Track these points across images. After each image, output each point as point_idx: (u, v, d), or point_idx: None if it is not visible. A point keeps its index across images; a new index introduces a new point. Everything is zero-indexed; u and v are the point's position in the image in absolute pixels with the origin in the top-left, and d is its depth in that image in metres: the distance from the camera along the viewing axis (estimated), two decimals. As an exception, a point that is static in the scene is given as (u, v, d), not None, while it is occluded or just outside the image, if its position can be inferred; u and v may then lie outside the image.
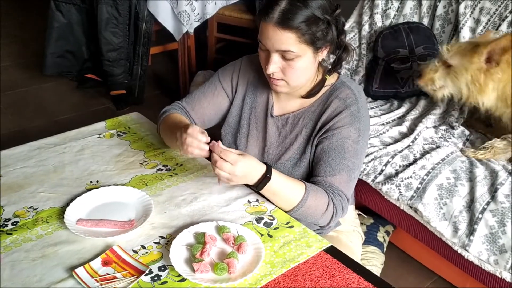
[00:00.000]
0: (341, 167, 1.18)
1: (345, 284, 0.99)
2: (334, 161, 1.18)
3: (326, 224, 1.20)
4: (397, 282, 1.76)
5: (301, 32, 1.09)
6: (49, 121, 2.75)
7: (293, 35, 1.09)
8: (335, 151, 1.18)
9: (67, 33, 2.89)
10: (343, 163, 1.18)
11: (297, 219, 1.17)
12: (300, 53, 1.12)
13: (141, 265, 0.99)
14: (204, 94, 1.36)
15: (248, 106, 1.33)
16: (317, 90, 1.24)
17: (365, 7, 2.32)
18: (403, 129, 1.90)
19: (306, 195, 1.13)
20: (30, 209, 1.15)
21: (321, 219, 1.17)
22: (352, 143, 1.19)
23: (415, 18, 2.23)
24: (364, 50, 2.25)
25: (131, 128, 1.52)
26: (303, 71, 1.16)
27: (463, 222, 1.54)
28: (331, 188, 1.17)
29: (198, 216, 1.15)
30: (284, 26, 1.09)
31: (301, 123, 1.26)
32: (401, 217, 1.71)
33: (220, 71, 1.37)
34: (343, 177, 1.18)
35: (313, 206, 1.15)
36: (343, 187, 1.18)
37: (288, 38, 1.10)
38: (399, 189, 1.66)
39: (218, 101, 1.35)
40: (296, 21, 1.08)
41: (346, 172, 1.18)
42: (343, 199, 1.18)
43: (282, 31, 1.09)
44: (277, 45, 1.12)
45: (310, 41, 1.11)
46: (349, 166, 1.18)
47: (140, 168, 1.32)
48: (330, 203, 1.16)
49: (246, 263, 1.00)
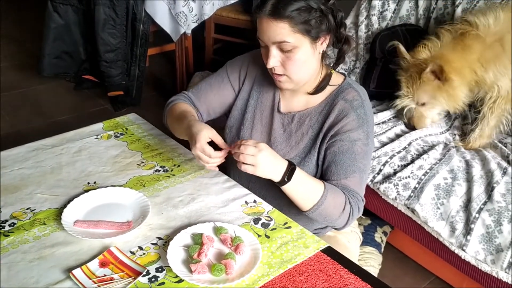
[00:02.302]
0: (353, 169, 1.18)
1: (342, 284, 0.99)
2: (346, 163, 1.18)
3: (343, 225, 1.19)
4: (394, 283, 1.76)
5: (294, 22, 1.10)
6: (46, 122, 2.75)
7: (286, 24, 1.10)
8: (346, 153, 1.19)
9: (64, 34, 2.89)
10: (355, 165, 1.19)
11: (316, 220, 1.17)
12: (296, 43, 1.13)
13: (138, 266, 0.99)
14: (210, 86, 1.36)
15: (253, 100, 1.33)
16: (323, 86, 1.24)
17: (361, 7, 2.33)
18: (398, 131, 1.91)
19: (325, 192, 1.13)
20: (27, 211, 1.15)
21: (339, 219, 1.17)
22: (361, 145, 1.20)
23: (411, 20, 2.24)
24: (361, 51, 2.26)
25: (129, 129, 1.52)
26: (303, 63, 1.16)
27: (460, 222, 1.54)
28: (346, 190, 1.18)
29: (195, 217, 1.15)
30: (276, 16, 1.10)
31: (308, 123, 1.26)
32: (399, 218, 1.71)
33: (229, 64, 1.38)
34: (356, 179, 1.19)
35: (332, 205, 1.14)
36: (358, 188, 1.19)
37: (282, 29, 1.11)
38: (396, 189, 1.67)
39: (223, 93, 1.36)
40: (288, 10, 1.09)
41: (358, 174, 1.19)
42: (359, 200, 1.19)
43: (276, 22, 1.10)
44: (272, 37, 1.12)
45: (304, 30, 1.12)
46: (360, 168, 1.19)
47: (137, 169, 1.32)
48: (347, 203, 1.16)
49: (244, 264, 1.00)
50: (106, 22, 2.70)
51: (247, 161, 1.06)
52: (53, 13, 2.81)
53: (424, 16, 2.23)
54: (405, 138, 1.83)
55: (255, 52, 1.34)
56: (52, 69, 2.98)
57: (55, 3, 2.79)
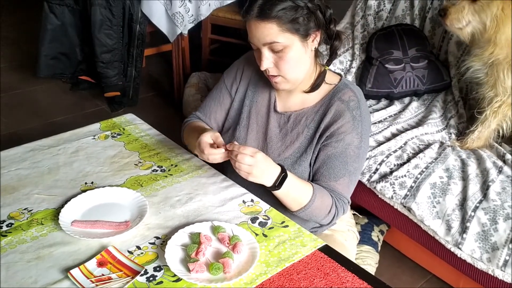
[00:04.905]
0: (343, 172, 1.21)
1: (339, 282, 0.99)
2: (338, 167, 1.21)
3: (326, 224, 1.25)
4: (391, 281, 1.76)
5: (281, 21, 1.11)
6: (43, 123, 2.74)
7: (273, 25, 1.11)
8: (339, 157, 1.21)
9: (61, 35, 2.88)
10: (346, 168, 1.21)
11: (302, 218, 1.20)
12: (286, 43, 1.13)
13: (136, 265, 0.99)
14: (213, 100, 1.40)
15: (249, 100, 1.34)
16: (319, 83, 1.25)
17: (357, 7, 2.34)
18: (394, 131, 1.91)
19: (313, 196, 1.17)
20: (24, 211, 1.15)
21: (324, 219, 1.23)
22: (354, 148, 1.21)
23: (407, 20, 2.25)
24: (357, 51, 2.27)
25: (126, 129, 1.52)
26: (296, 62, 1.17)
27: (456, 220, 1.55)
28: (334, 193, 1.22)
29: (193, 217, 1.15)
30: (263, 18, 1.11)
31: (303, 123, 1.27)
32: (395, 216, 1.72)
33: (225, 73, 1.40)
34: (345, 182, 1.22)
35: (319, 207, 1.19)
36: (345, 191, 1.23)
37: (270, 29, 1.12)
38: (393, 188, 1.67)
39: (225, 103, 1.38)
40: (274, 10, 1.10)
41: (347, 177, 1.22)
42: (345, 203, 1.24)
43: (263, 24, 1.12)
44: (262, 38, 1.14)
45: (292, 28, 1.12)
46: (350, 171, 1.22)
47: (135, 169, 1.32)
48: (333, 206, 1.21)
49: (241, 263, 1.01)
50: (102, 23, 2.70)
51: (242, 168, 1.10)
52: (49, 14, 2.80)
53: (419, 16, 2.24)
54: (401, 137, 1.84)
55: (250, 53, 1.35)
56: (49, 70, 2.97)
57: (51, 4, 2.78)
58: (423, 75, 2.10)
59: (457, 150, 1.80)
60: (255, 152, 1.10)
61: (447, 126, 1.97)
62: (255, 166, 1.09)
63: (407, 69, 2.09)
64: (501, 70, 1.73)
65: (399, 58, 2.11)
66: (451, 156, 1.74)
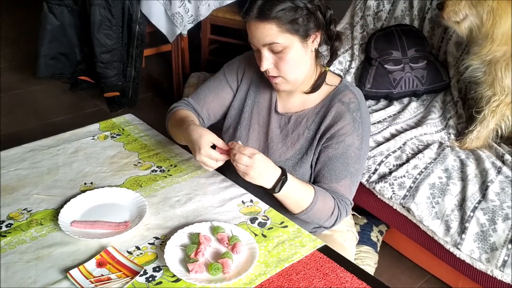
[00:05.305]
0: (344, 174, 1.21)
1: (338, 283, 0.99)
2: (339, 169, 1.21)
3: (329, 226, 1.25)
4: (390, 281, 1.76)
5: (281, 22, 1.11)
6: (43, 123, 2.74)
7: (273, 25, 1.11)
8: (340, 159, 1.21)
9: (60, 35, 2.88)
10: (347, 170, 1.21)
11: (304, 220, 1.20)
12: (286, 43, 1.13)
13: (135, 266, 0.99)
14: (209, 89, 1.37)
15: (250, 100, 1.34)
16: (319, 84, 1.25)
17: (356, 8, 2.34)
18: (393, 131, 1.92)
19: (315, 198, 1.17)
20: (24, 211, 1.15)
21: (326, 222, 1.22)
22: (355, 149, 1.21)
23: (406, 21, 2.25)
24: (356, 51, 2.27)
25: (125, 129, 1.52)
26: (296, 63, 1.17)
27: (455, 220, 1.55)
28: (336, 195, 1.21)
29: (192, 217, 1.15)
30: (263, 19, 1.11)
31: (304, 124, 1.27)
32: (394, 217, 1.72)
33: (226, 66, 1.39)
34: (347, 183, 1.22)
35: (321, 209, 1.18)
36: (347, 192, 1.23)
37: (270, 30, 1.12)
38: (392, 188, 1.68)
39: (222, 95, 1.37)
40: (274, 11, 1.10)
41: (349, 178, 1.22)
42: (347, 204, 1.23)
43: (263, 24, 1.12)
44: (262, 39, 1.14)
45: (292, 29, 1.13)
46: (352, 173, 1.22)
47: (134, 169, 1.32)
48: (336, 208, 1.20)
49: (241, 263, 1.01)
50: (101, 23, 2.70)
51: (238, 168, 1.10)
52: (48, 14, 2.81)
53: (418, 16, 2.24)
54: (400, 137, 1.84)
55: (252, 52, 1.35)
56: (48, 70, 2.97)
57: (51, 4, 2.79)
58: (422, 75, 2.11)
59: (456, 150, 1.81)
60: (254, 153, 1.10)
61: (446, 127, 1.97)
62: (252, 167, 1.09)
63: (406, 69, 2.09)
64: (499, 68, 1.73)
65: (398, 59, 2.11)
66: (450, 157, 1.74)
